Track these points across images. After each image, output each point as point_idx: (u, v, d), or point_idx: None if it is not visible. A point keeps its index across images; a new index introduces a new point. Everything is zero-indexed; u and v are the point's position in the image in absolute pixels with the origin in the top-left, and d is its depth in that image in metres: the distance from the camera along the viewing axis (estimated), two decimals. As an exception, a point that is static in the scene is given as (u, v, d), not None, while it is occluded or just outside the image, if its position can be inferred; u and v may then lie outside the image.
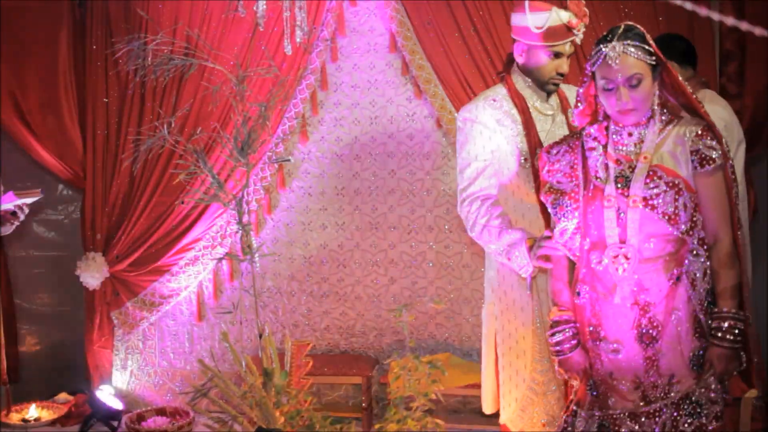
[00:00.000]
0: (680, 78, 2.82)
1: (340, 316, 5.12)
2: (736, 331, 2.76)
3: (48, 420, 4.76)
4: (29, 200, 4.05)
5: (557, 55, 3.35)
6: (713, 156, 2.75)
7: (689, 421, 2.79)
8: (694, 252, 2.79)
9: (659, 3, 4.34)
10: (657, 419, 2.82)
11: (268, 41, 4.81)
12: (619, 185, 2.81)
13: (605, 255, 2.80)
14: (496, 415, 3.60)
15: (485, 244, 3.38)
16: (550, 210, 3.01)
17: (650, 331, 2.80)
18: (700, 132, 2.78)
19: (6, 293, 5.17)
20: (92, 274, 5.06)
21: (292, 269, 5.16)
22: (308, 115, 5.04)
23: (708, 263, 2.81)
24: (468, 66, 4.67)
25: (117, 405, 4.84)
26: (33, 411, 4.85)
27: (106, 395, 4.90)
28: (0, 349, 4.57)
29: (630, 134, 2.85)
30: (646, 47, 2.74)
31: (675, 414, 2.80)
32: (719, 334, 2.77)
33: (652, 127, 2.82)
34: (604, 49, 2.75)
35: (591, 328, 2.91)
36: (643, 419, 2.84)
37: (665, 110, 2.86)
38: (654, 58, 2.75)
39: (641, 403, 2.85)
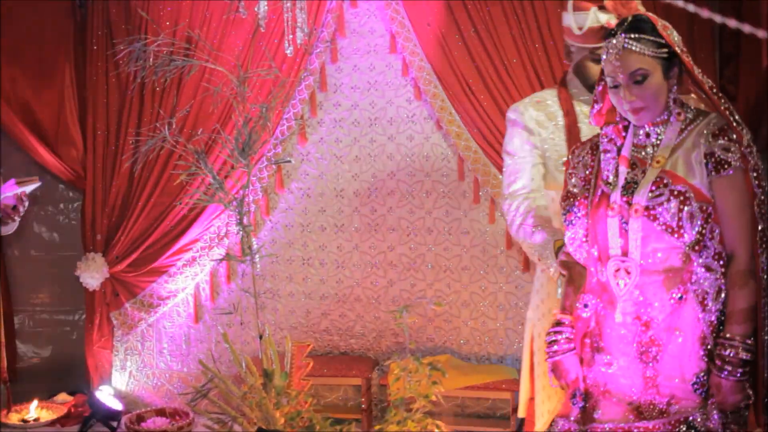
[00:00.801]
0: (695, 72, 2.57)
1: (339, 317, 5.11)
2: (740, 361, 2.45)
3: (47, 420, 4.75)
4: (29, 188, 4.04)
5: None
6: (729, 159, 2.47)
7: None
8: (708, 267, 2.51)
9: (660, 4, 4.33)
10: None
11: (269, 42, 4.82)
12: (625, 192, 2.57)
13: (606, 269, 2.60)
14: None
15: (522, 243, 3.30)
16: (561, 216, 2.82)
17: (651, 349, 2.56)
18: (717, 132, 2.50)
19: (5, 293, 5.17)
20: (92, 274, 5.06)
21: (291, 270, 5.16)
22: (307, 116, 5.05)
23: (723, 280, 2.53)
24: (468, 67, 4.67)
25: (116, 405, 4.84)
26: (32, 411, 4.85)
27: (106, 396, 4.90)
28: (0, 348, 4.57)
29: (648, 135, 2.61)
30: (655, 39, 2.50)
31: None
32: (719, 363, 2.48)
33: (671, 127, 2.58)
34: (606, 44, 2.57)
35: (588, 340, 2.72)
36: None
37: (689, 107, 2.61)
38: (666, 50, 2.51)
39: (631, 417, 2.58)
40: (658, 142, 2.59)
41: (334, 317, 5.12)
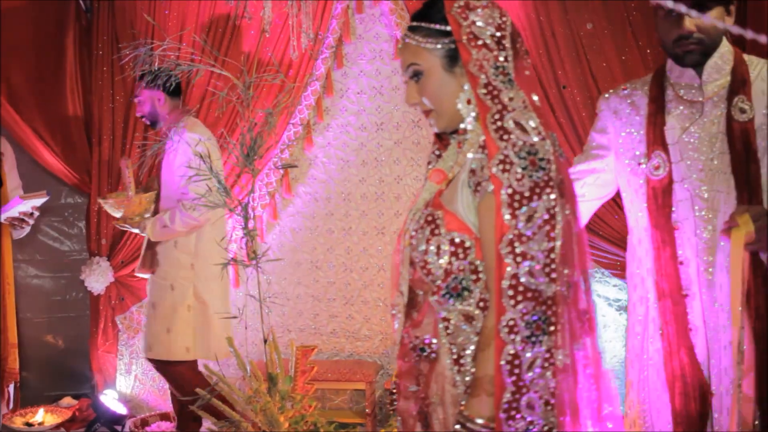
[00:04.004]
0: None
1: (346, 320, 5.12)
2: None
3: (52, 424, 4.76)
4: (36, 202, 4.06)
5: (672, 12, 2.54)
6: (480, 180, 1.88)
7: None
8: (468, 316, 1.90)
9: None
10: None
11: (275, 48, 4.83)
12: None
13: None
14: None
15: None
16: None
17: (426, 415, 1.98)
18: (483, 143, 1.91)
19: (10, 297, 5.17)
20: (97, 278, 5.06)
21: (299, 274, 5.16)
22: (314, 121, 5.06)
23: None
24: (474, 72, 4.66)
25: (121, 409, 4.84)
26: (37, 415, 4.86)
27: (111, 400, 4.90)
28: (9, 348, 4.58)
29: (459, 145, 2.04)
30: (437, 27, 1.97)
31: None
32: None
33: (471, 135, 1.99)
34: None
35: None
36: None
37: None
38: (445, 40, 1.97)
39: None
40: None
41: (342, 319, 5.12)
